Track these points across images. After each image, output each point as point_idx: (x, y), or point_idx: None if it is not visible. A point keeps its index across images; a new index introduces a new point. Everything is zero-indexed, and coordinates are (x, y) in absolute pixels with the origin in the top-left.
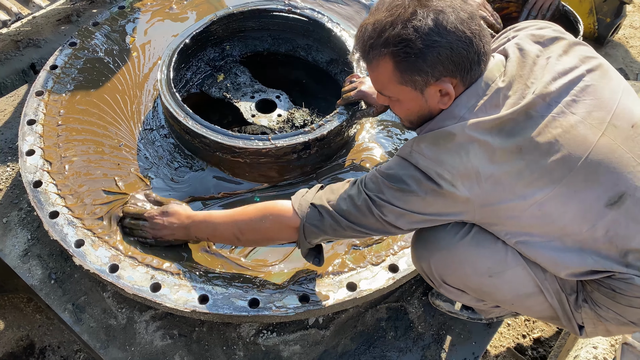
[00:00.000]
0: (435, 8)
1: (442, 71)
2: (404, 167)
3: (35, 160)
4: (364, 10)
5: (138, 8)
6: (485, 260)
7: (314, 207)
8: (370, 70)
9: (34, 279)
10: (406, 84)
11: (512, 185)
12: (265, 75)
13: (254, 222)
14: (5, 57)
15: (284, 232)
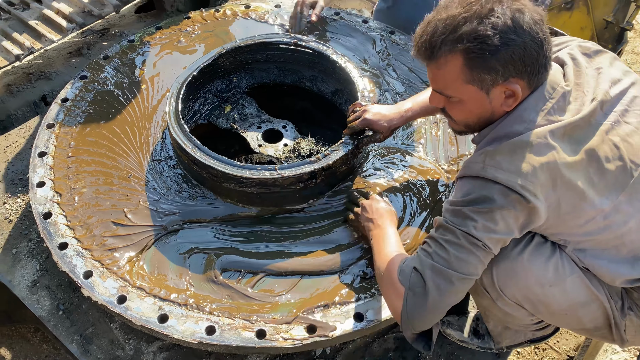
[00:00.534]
0: (512, 6)
1: (512, 71)
2: (483, 187)
3: (46, 192)
4: (368, 41)
5: (147, 41)
6: (547, 271)
7: (415, 271)
8: (434, 68)
9: (42, 309)
10: (473, 82)
11: (584, 193)
12: (271, 106)
13: (378, 273)
14: (17, 90)
15: (390, 301)
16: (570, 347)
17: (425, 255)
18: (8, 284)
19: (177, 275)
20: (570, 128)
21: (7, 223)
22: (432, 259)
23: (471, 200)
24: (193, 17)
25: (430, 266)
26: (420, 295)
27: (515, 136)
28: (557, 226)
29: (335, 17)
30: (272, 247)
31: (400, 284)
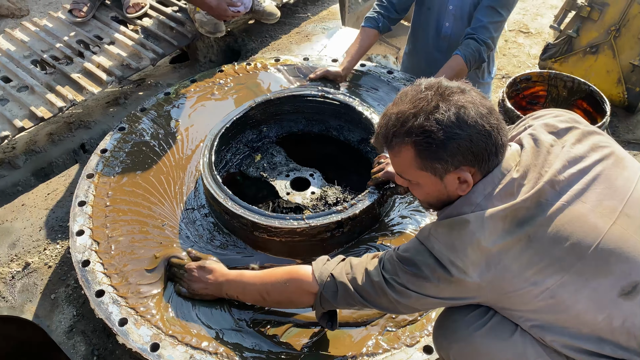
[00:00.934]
0: (457, 103)
1: (461, 160)
2: (420, 253)
3: (84, 240)
4: (393, 92)
5: (183, 94)
6: (504, 353)
7: (332, 279)
8: (391, 155)
9: (77, 355)
10: (426, 169)
11: (522, 273)
12: (299, 153)
13: (279, 284)
14: (58, 138)
15: (304, 297)
16: None
17: (346, 272)
18: (46, 328)
19: (207, 323)
20: (512, 210)
21: (47, 269)
22: (349, 279)
23: (405, 259)
24: (226, 70)
25: (344, 284)
26: (330, 297)
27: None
28: (504, 302)
29: (361, 68)
30: None
31: (315, 282)
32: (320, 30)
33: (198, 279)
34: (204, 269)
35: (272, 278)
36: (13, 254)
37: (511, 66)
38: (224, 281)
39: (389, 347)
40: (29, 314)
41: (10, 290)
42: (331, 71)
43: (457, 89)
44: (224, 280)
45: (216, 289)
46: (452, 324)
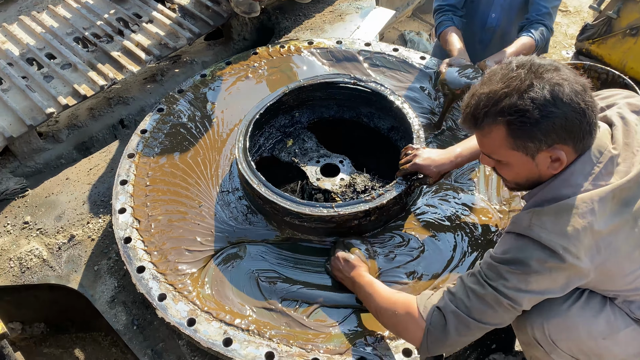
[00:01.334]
0: (551, 80)
1: (555, 139)
2: (522, 248)
3: (126, 218)
4: (425, 78)
5: (218, 76)
6: (598, 324)
7: (439, 311)
8: (480, 135)
9: (119, 324)
10: (518, 149)
11: (629, 254)
12: (329, 137)
13: (390, 310)
14: (98, 114)
15: (409, 333)
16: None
17: (450, 299)
18: (90, 297)
19: (240, 301)
20: (618, 191)
21: (90, 241)
22: (456, 305)
23: (508, 260)
24: (260, 53)
25: (453, 311)
26: (439, 333)
27: (562, 199)
28: (605, 283)
29: (393, 52)
30: (326, 279)
31: (421, 318)
32: (354, 10)
33: (338, 269)
34: (347, 263)
35: (388, 302)
36: (59, 226)
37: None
38: (355, 282)
39: None
40: (75, 283)
41: (57, 260)
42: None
43: (551, 66)
44: (355, 282)
45: (349, 285)
46: (547, 302)
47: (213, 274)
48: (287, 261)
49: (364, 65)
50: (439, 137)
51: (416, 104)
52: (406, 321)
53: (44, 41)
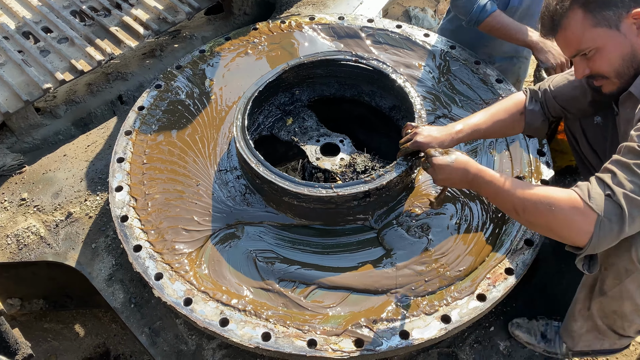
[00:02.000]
0: None
1: (631, 1)
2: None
3: (123, 196)
4: (427, 55)
5: (217, 52)
6: None
7: (609, 198)
8: (563, 35)
9: (116, 301)
10: (600, 24)
11: None
12: (330, 116)
13: (542, 206)
14: (97, 89)
15: (574, 228)
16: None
17: (616, 184)
18: (88, 275)
19: (237, 281)
20: None
21: (87, 219)
22: (625, 187)
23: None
24: (260, 28)
25: (625, 195)
26: (616, 223)
27: None
28: None
29: (396, 29)
30: (326, 260)
31: (591, 210)
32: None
33: (446, 178)
34: (452, 166)
35: (534, 196)
36: (57, 203)
37: None
38: (473, 178)
39: (408, 314)
40: (72, 260)
41: (54, 237)
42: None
43: None
44: (474, 177)
45: (464, 184)
46: None
47: (210, 253)
48: (285, 241)
49: (366, 42)
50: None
51: (418, 82)
52: (570, 215)
53: (41, 14)
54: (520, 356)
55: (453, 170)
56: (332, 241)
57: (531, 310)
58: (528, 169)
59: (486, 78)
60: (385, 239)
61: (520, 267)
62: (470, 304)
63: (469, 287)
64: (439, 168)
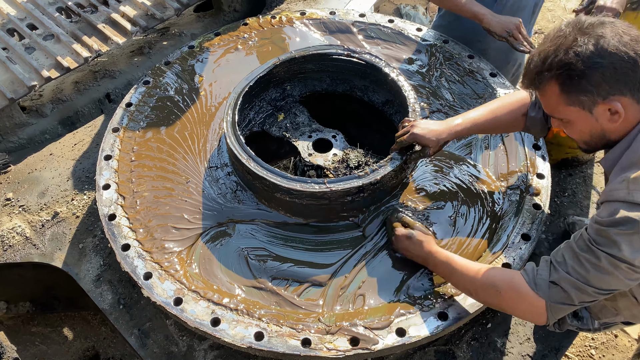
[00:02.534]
0: (596, 34)
1: (608, 90)
2: (630, 208)
3: (111, 194)
4: (420, 50)
5: (207, 48)
6: None
7: (554, 285)
8: (540, 96)
9: (105, 303)
10: (573, 104)
11: None
12: (322, 111)
13: (490, 288)
14: (84, 88)
15: (523, 312)
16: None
17: (563, 269)
18: (75, 276)
19: (228, 279)
20: None
21: (74, 219)
22: (570, 274)
23: (616, 221)
24: (250, 24)
25: (570, 282)
26: (562, 305)
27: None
28: None
29: (388, 24)
30: (320, 257)
31: (536, 296)
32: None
33: (404, 248)
34: (411, 240)
35: (484, 279)
36: (43, 202)
37: (545, 21)
38: (429, 257)
39: (404, 312)
40: (59, 261)
41: (40, 238)
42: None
43: (597, 21)
44: (429, 257)
45: (421, 261)
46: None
47: (201, 252)
48: (278, 239)
49: (358, 37)
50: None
51: (411, 77)
52: (516, 300)
53: (25, 11)
54: (517, 353)
55: (411, 243)
56: (325, 238)
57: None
58: (524, 163)
59: (480, 72)
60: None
61: (518, 262)
62: (468, 300)
63: None
64: (401, 240)
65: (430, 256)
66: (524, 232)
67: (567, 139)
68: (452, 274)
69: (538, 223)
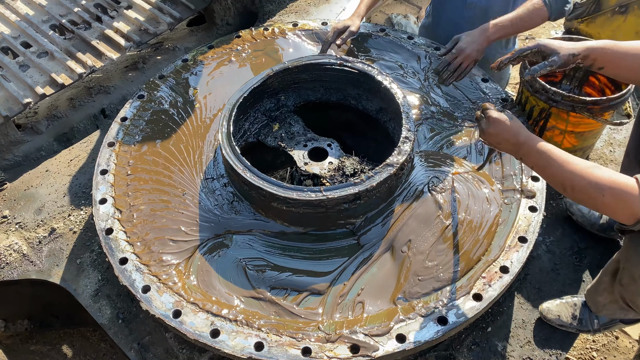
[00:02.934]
0: None
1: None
2: None
3: (107, 209)
4: (413, 58)
5: (200, 61)
6: None
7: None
8: None
9: (103, 318)
10: None
11: None
12: (317, 121)
13: (591, 187)
14: (79, 104)
15: (621, 214)
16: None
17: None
18: (73, 292)
19: (227, 291)
20: None
21: (71, 234)
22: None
23: None
24: (243, 36)
25: None
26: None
27: None
28: None
29: (380, 33)
30: (318, 266)
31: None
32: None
33: (496, 133)
34: (506, 122)
35: (586, 177)
36: (39, 219)
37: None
38: (523, 145)
39: (404, 317)
40: (56, 277)
41: (37, 254)
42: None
43: None
44: (523, 145)
45: (511, 150)
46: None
47: (199, 264)
48: (275, 248)
49: (350, 47)
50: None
51: (404, 84)
52: (621, 201)
53: (19, 29)
54: (518, 356)
55: (506, 128)
56: (323, 246)
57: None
58: (518, 166)
59: (471, 77)
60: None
61: (515, 265)
62: (467, 304)
63: (464, 287)
64: (494, 122)
65: (528, 141)
66: (521, 235)
67: (562, 141)
68: (547, 167)
69: (534, 225)
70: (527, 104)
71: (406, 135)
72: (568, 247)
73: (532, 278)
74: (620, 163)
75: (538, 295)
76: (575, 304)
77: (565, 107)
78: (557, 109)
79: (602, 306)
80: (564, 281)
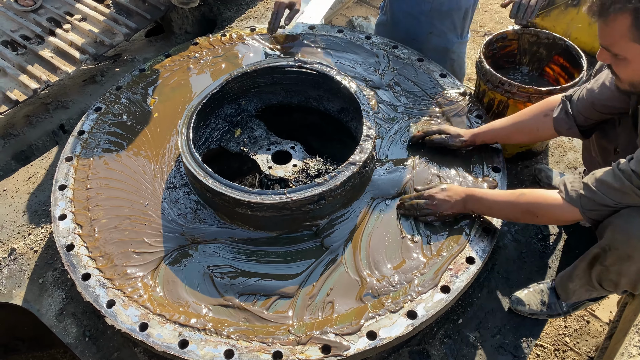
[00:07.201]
0: None
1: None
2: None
3: (67, 225)
4: (372, 57)
5: (158, 70)
6: None
7: (587, 189)
8: (603, 25)
9: (69, 337)
10: (638, 41)
11: None
12: (279, 125)
13: (527, 215)
14: (36, 120)
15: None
16: (590, 348)
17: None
18: (36, 312)
19: (194, 300)
20: None
21: (32, 253)
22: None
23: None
24: (201, 43)
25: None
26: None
27: None
28: None
29: (338, 34)
30: (286, 268)
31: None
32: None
33: (443, 201)
34: (445, 190)
35: (519, 207)
36: None
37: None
38: (467, 197)
39: (373, 314)
40: (18, 299)
41: None
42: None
43: None
44: (468, 197)
45: (461, 207)
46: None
47: (164, 275)
48: (243, 254)
49: (309, 49)
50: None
51: (364, 83)
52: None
53: None
54: (490, 346)
55: (449, 192)
56: (291, 249)
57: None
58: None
59: (430, 74)
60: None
61: (481, 255)
62: (435, 296)
63: (432, 280)
64: (433, 197)
65: (468, 196)
66: (485, 225)
67: None
68: (491, 208)
69: None
70: (485, 97)
71: (367, 133)
72: (533, 235)
73: (499, 268)
74: (580, 150)
75: (506, 284)
76: (542, 290)
77: (521, 98)
78: (514, 100)
79: (572, 292)
80: (531, 269)
